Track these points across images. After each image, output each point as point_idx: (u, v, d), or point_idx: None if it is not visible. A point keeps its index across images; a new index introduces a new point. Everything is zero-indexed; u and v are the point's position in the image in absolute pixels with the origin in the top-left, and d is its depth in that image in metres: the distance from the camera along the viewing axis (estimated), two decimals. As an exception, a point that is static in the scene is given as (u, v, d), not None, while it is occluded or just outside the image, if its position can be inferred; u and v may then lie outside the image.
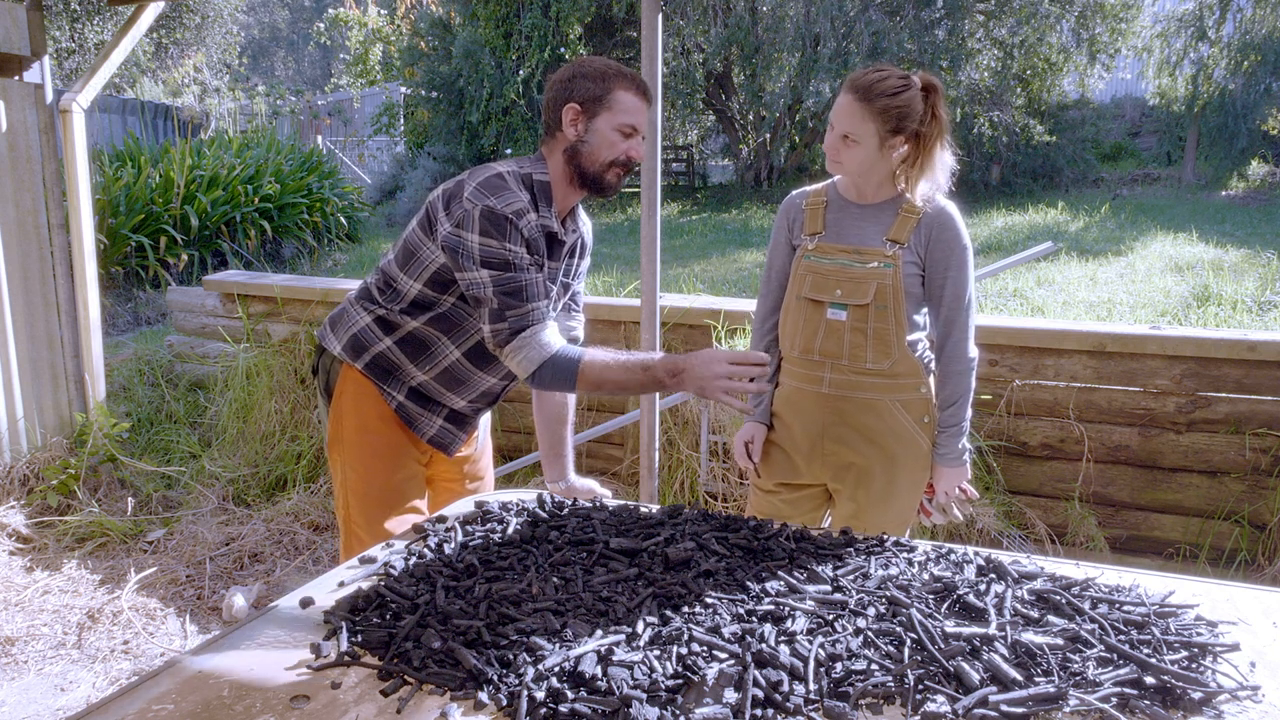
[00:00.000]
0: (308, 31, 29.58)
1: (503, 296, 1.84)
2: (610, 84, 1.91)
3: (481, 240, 1.83)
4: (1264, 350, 3.26)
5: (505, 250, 1.83)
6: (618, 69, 1.94)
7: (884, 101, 1.98)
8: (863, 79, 2.01)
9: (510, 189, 1.87)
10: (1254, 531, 3.38)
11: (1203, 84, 14.08)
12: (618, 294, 5.20)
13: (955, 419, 2.13)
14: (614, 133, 1.92)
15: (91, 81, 4.22)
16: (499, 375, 2.10)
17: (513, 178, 1.90)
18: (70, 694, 2.79)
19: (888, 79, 2.00)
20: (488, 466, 2.39)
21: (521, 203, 1.86)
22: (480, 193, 1.85)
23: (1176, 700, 1.18)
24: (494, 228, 1.82)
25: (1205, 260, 7.76)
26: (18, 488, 3.94)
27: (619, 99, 1.91)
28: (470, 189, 1.86)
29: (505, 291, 1.84)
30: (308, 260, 10.40)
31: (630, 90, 1.92)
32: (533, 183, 1.94)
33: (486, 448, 2.38)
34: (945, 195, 2.14)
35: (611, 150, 1.92)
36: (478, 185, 1.87)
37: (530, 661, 1.22)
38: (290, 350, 4.53)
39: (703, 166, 18.73)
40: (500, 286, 1.84)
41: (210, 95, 19.18)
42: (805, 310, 2.15)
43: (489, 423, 2.38)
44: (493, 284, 1.84)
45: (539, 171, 1.96)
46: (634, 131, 1.94)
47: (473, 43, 14.38)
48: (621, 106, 1.91)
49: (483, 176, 1.90)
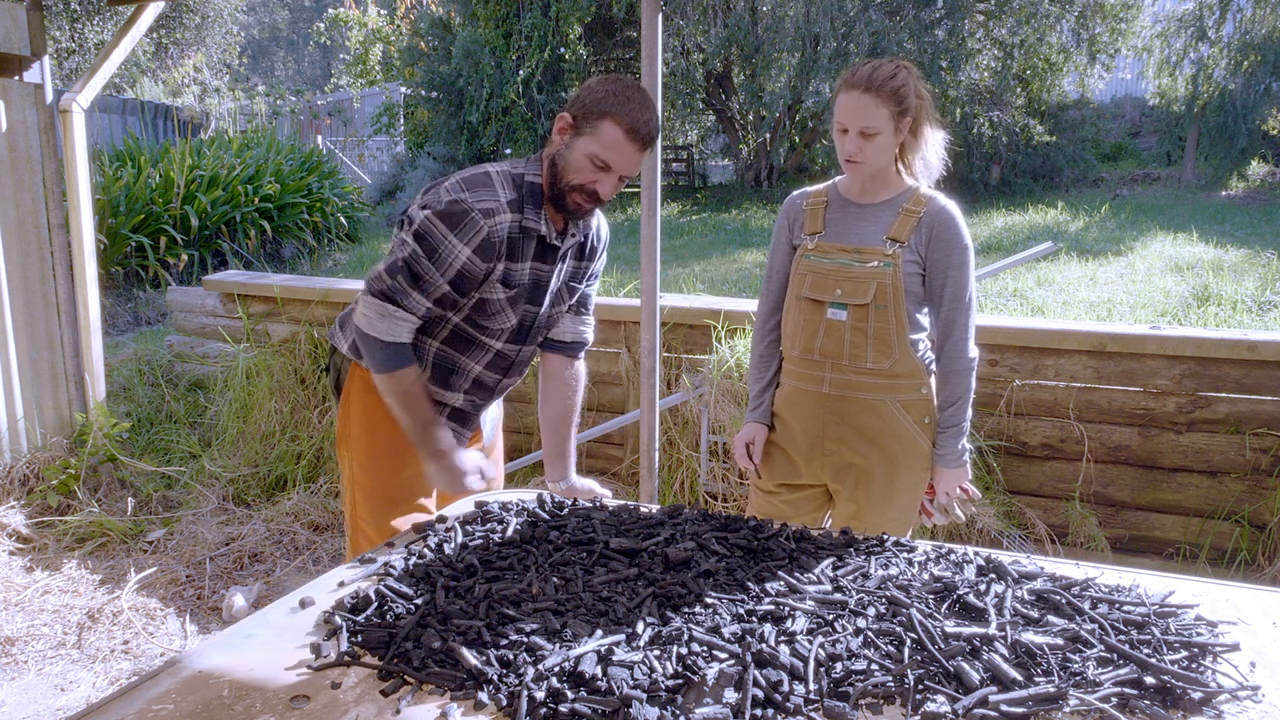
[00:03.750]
0: (308, 31, 29.57)
1: (404, 269, 1.84)
2: (605, 109, 1.83)
3: (430, 218, 1.83)
4: (1264, 350, 3.26)
5: (444, 240, 1.82)
6: (625, 99, 1.84)
7: (889, 85, 2.00)
8: (858, 74, 2.03)
9: (491, 187, 1.86)
10: (1254, 531, 3.38)
11: (1203, 84, 14.07)
12: (618, 294, 5.19)
13: (955, 419, 2.13)
14: (586, 159, 1.85)
15: (91, 81, 4.22)
16: (483, 363, 2.09)
17: (500, 177, 1.89)
18: (70, 694, 2.79)
19: (880, 67, 2.03)
20: (499, 461, 2.40)
21: (495, 202, 1.85)
22: (459, 185, 1.86)
23: (1176, 700, 1.18)
24: (450, 217, 1.82)
25: (1205, 260, 7.76)
26: (18, 488, 3.94)
27: (605, 129, 1.83)
28: (452, 180, 1.88)
29: (410, 269, 1.84)
30: (308, 260, 10.40)
31: (620, 125, 1.82)
32: (524, 183, 1.92)
33: (497, 443, 2.38)
34: (940, 189, 2.15)
35: (579, 174, 1.86)
36: (461, 179, 1.88)
37: (530, 661, 1.22)
38: (290, 350, 4.53)
39: (703, 166, 18.73)
40: (410, 263, 1.84)
41: (210, 95, 19.17)
42: (805, 310, 2.15)
43: (498, 419, 2.36)
44: (409, 254, 1.84)
45: (532, 173, 1.93)
46: (607, 167, 1.85)
47: (473, 43, 14.37)
48: (604, 138, 1.83)
49: (470, 173, 1.91)
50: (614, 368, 4.17)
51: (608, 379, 4.20)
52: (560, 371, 2.21)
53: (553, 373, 2.21)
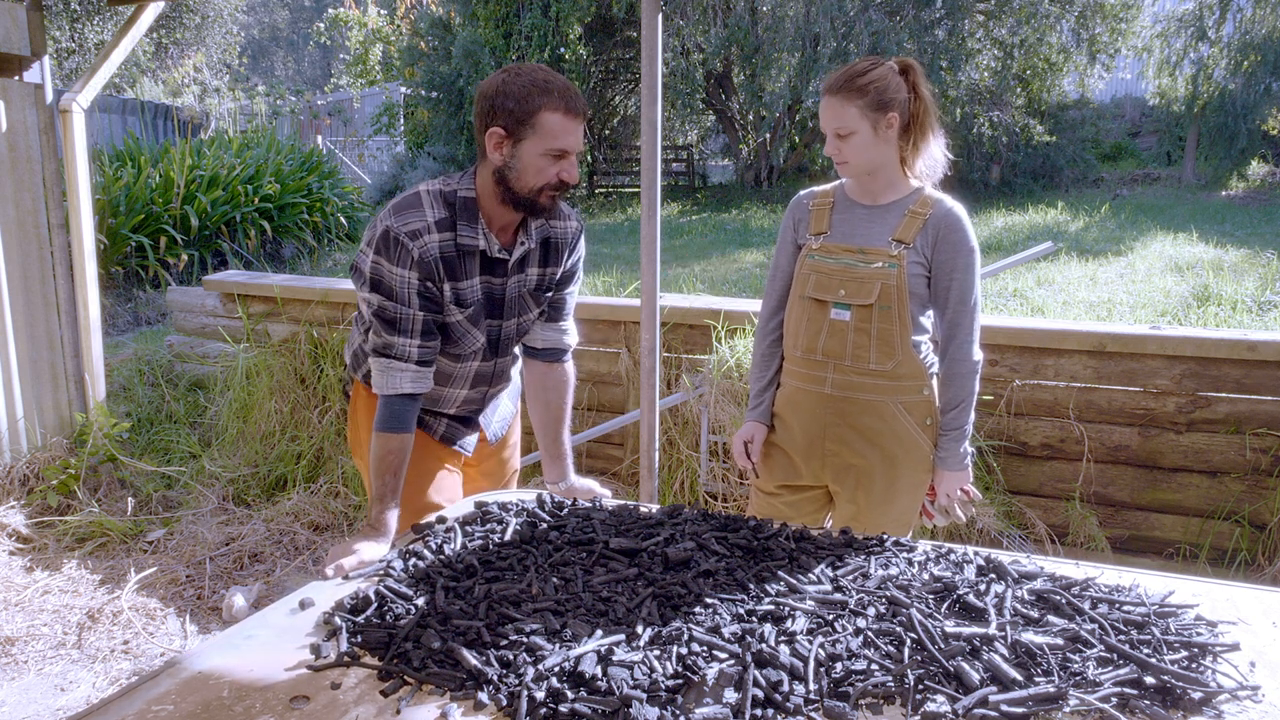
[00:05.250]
0: (308, 31, 29.57)
1: (379, 321, 1.88)
2: (535, 104, 1.76)
3: (374, 260, 1.84)
4: (1264, 350, 3.26)
5: (391, 274, 1.83)
6: (544, 84, 1.77)
7: (857, 83, 2.02)
8: (832, 78, 2.06)
9: (418, 209, 1.85)
10: (1254, 531, 3.38)
11: (1203, 84, 14.07)
12: (618, 294, 5.20)
13: (958, 422, 2.12)
14: (541, 158, 1.80)
15: (91, 81, 4.22)
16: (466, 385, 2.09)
17: (430, 196, 1.88)
18: (70, 694, 2.79)
19: (854, 65, 2.05)
20: (514, 455, 2.41)
21: (422, 223, 1.83)
22: (389, 212, 1.86)
23: (1176, 700, 1.18)
24: (386, 248, 1.83)
25: (1205, 260, 7.76)
26: (18, 488, 3.94)
27: (545, 122, 1.77)
28: (386, 208, 1.88)
29: (383, 319, 1.87)
30: (308, 260, 10.40)
31: (557, 110, 1.77)
32: (455, 199, 1.88)
33: (510, 439, 2.38)
34: (940, 189, 2.15)
35: (540, 176, 1.82)
36: (391, 205, 1.88)
37: (530, 661, 1.22)
38: (290, 350, 4.53)
39: (703, 166, 18.74)
40: (380, 313, 1.87)
41: (210, 95, 19.18)
42: (809, 310, 2.15)
43: (509, 415, 2.34)
44: (375, 307, 1.87)
45: (464, 188, 1.89)
46: (563, 154, 1.81)
47: (473, 43, 14.38)
48: (548, 130, 1.78)
49: (402, 196, 1.90)
50: (614, 368, 4.17)
51: (608, 379, 4.20)
52: (542, 378, 2.18)
53: (535, 379, 2.19)
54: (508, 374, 2.19)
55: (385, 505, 1.83)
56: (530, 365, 2.20)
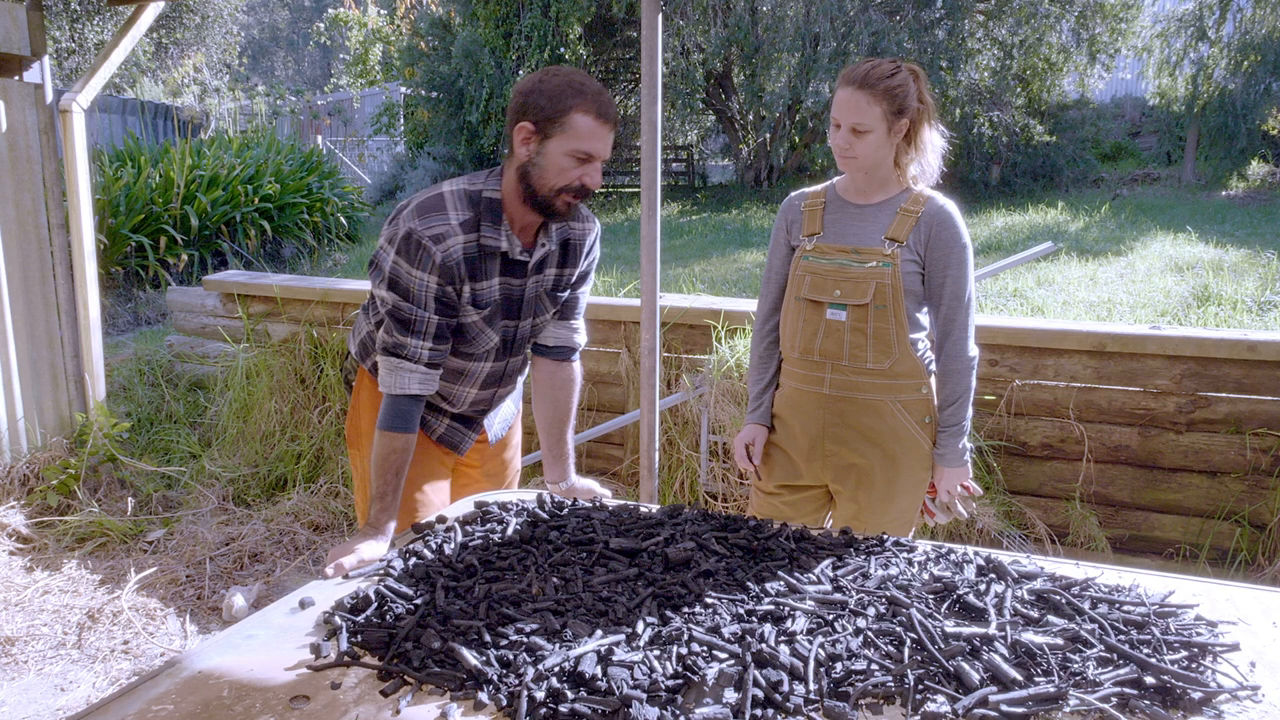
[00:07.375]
0: (308, 31, 29.58)
1: (392, 320, 1.88)
2: (567, 104, 1.78)
3: (395, 260, 1.84)
4: (1264, 350, 3.26)
5: (410, 276, 1.84)
6: (579, 87, 1.80)
7: (884, 84, 2.01)
8: (856, 71, 2.04)
9: (442, 211, 1.85)
10: (1254, 531, 3.38)
11: (1203, 84, 14.06)
12: (618, 294, 5.19)
13: (956, 419, 2.13)
14: (566, 158, 1.80)
15: (91, 81, 4.22)
16: (477, 385, 2.09)
17: (454, 197, 1.87)
18: (70, 694, 2.79)
19: (880, 65, 2.04)
20: (515, 455, 2.41)
21: (446, 226, 1.83)
22: (413, 214, 1.85)
23: (1176, 700, 1.18)
24: (407, 250, 1.83)
25: (1205, 260, 7.76)
26: (18, 488, 3.94)
27: (575, 122, 1.78)
28: (409, 208, 1.87)
29: (397, 318, 1.88)
30: (308, 260, 10.40)
31: (589, 113, 1.79)
32: (480, 199, 1.88)
33: (511, 439, 2.38)
34: (940, 190, 2.15)
35: (562, 176, 1.82)
36: (415, 205, 1.87)
37: (530, 661, 1.22)
38: (290, 350, 4.53)
39: (703, 166, 18.74)
40: (395, 313, 1.87)
41: (210, 95, 19.19)
42: (804, 311, 2.15)
43: (511, 416, 2.35)
44: (390, 306, 1.87)
45: (490, 188, 1.89)
46: (589, 158, 1.82)
47: (473, 43, 14.37)
48: (577, 131, 1.79)
49: (424, 197, 1.89)
50: (614, 368, 4.17)
51: (608, 379, 4.20)
52: (551, 376, 2.19)
53: (543, 377, 2.19)
54: (516, 376, 2.19)
55: (385, 505, 1.83)
56: (539, 363, 2.20)
